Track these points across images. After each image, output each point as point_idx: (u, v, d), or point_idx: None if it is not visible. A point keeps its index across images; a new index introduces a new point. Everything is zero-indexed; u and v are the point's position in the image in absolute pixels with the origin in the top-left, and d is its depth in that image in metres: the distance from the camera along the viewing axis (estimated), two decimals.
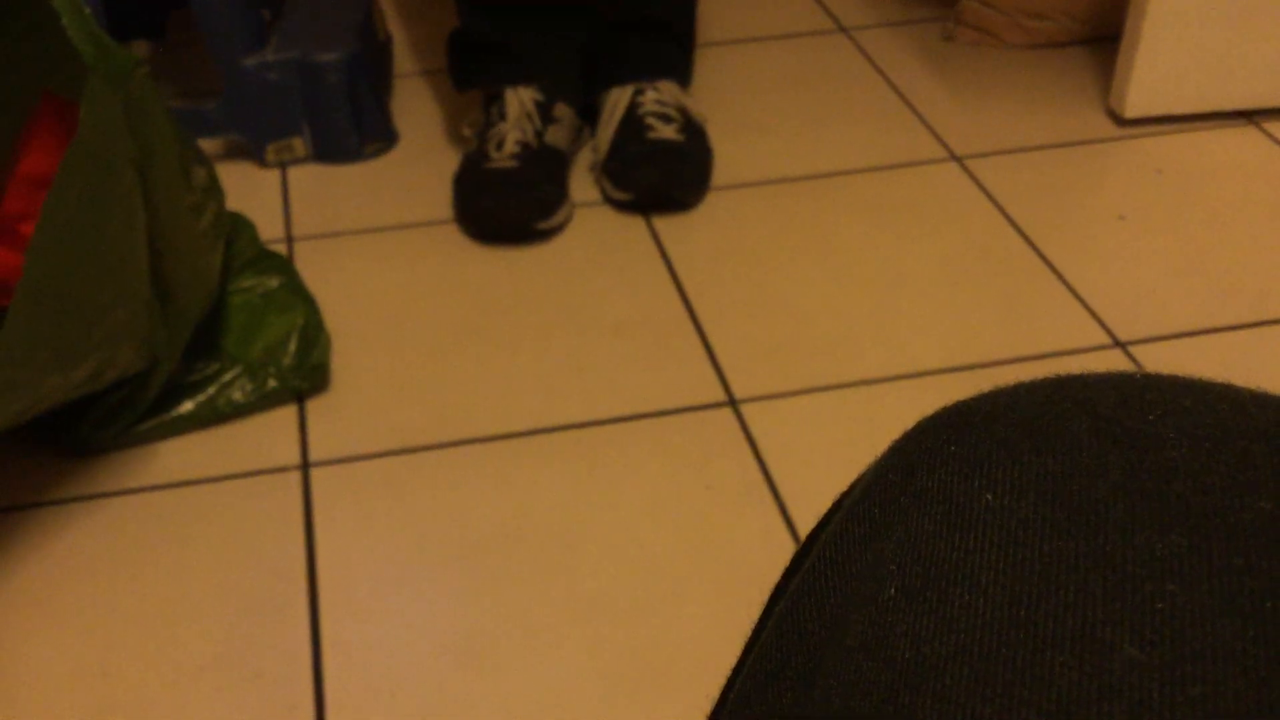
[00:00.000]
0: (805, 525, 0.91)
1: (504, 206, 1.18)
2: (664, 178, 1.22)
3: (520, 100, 1.25)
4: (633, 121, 1.25)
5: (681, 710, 0.78)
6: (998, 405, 0.27)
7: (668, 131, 1.24)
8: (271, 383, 1.01)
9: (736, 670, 0.30)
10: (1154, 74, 1.30)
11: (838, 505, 0.30)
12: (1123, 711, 0.21)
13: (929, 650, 0.23)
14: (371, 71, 1.34)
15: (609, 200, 1.25)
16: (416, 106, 1.42)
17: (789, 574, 0.30)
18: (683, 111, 1.27)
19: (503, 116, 1.25)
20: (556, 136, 1.25)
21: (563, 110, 1.26)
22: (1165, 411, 0.26)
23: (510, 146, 1.22)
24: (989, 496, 0.25)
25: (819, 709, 0.24)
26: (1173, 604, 0.22)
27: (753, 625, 0.31)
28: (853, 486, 0.30)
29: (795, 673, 0.26)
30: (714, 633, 0.83)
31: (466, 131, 1.31)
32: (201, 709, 0.79)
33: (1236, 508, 0.24)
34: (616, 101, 1.27)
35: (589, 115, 1.32)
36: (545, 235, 1.20)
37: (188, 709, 0.79)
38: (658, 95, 1.27)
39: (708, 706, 0.31)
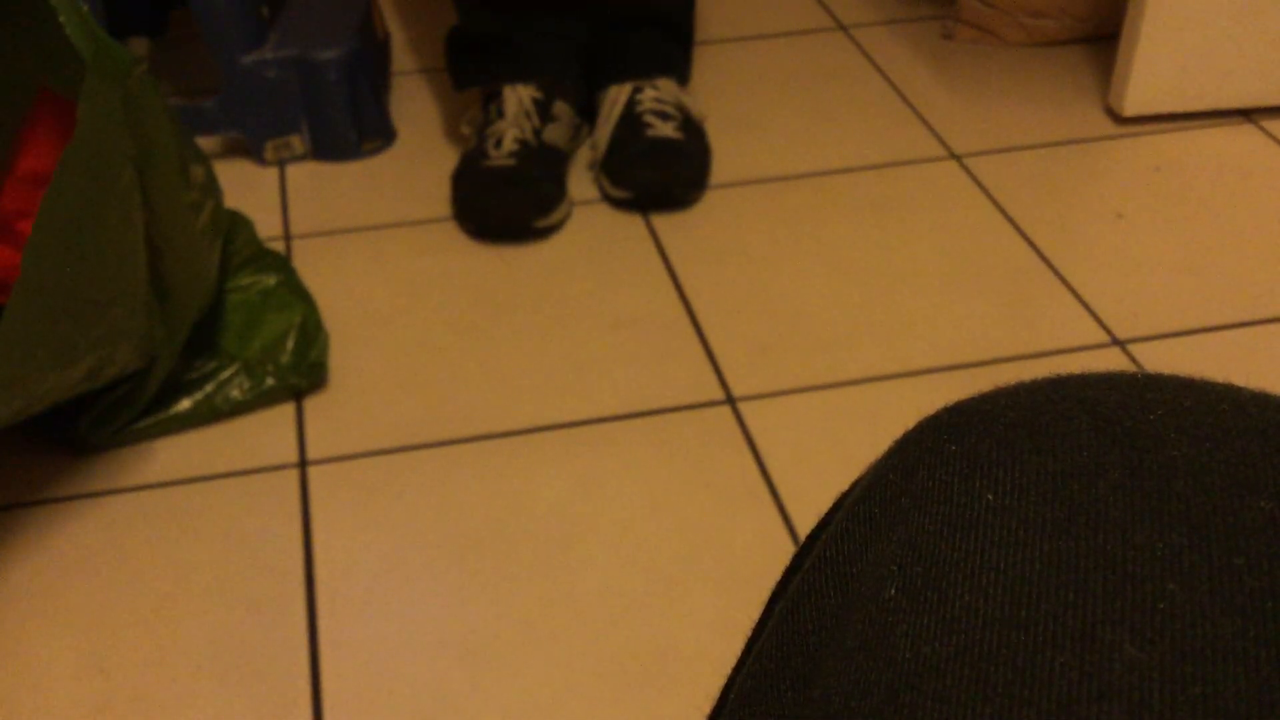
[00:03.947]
0: (803, 523, 0.91)
1: (502, 204, 1.18)
2: (662, 176, 1.22)
3: (519, 98, 1.25)
4: (631, 119, 1.25)
5: (680, 708, 0.78)
6: (998, 405, 0.27)
7: (666, 129, 1.24)
8: (269, 381, 1.01)
9: (737, 670, 0.30)
10: (1153, 72, 1.30)
11: (838, 505, 0.30)
12: (1123, 711, 0.21)
13: (929, 650, 0.23)
14: (370, 69, 1.34)
15: (607, 198, 1.25)
16: (415, 104, 1.42)
17: (789, 573, 0.30)
18: (681, 109, 1.27)
19: (501, 114, 1.25)
20: (555, 134, 1.25)
21: (561, 108, 1.26)
22: (1166, 411, 0.26)
23: (509, 144, 1.22)
24: (990, 496, 0.25)
25: (819, 709, 0.24)
26: (1173, 603, 0.22)
27: (752, 624, 0.31)
28: (853, 486, 0.30)
29: (795, 673, 0.26)
30: (712, 630, 0.83)
31: (465, 130, 1.31)
32: (199, 706, 0.79)
33: (1237, 507, 0.24)
34: (615, 99, 1.27)
35: (588, 113, 1.32)
36: (544, 233, 1.20)
37: (185, 706, 0.79)
38: (656, 93, 1.27)
39: (706, 705, 0.31)
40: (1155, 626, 0.22)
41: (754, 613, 0.31)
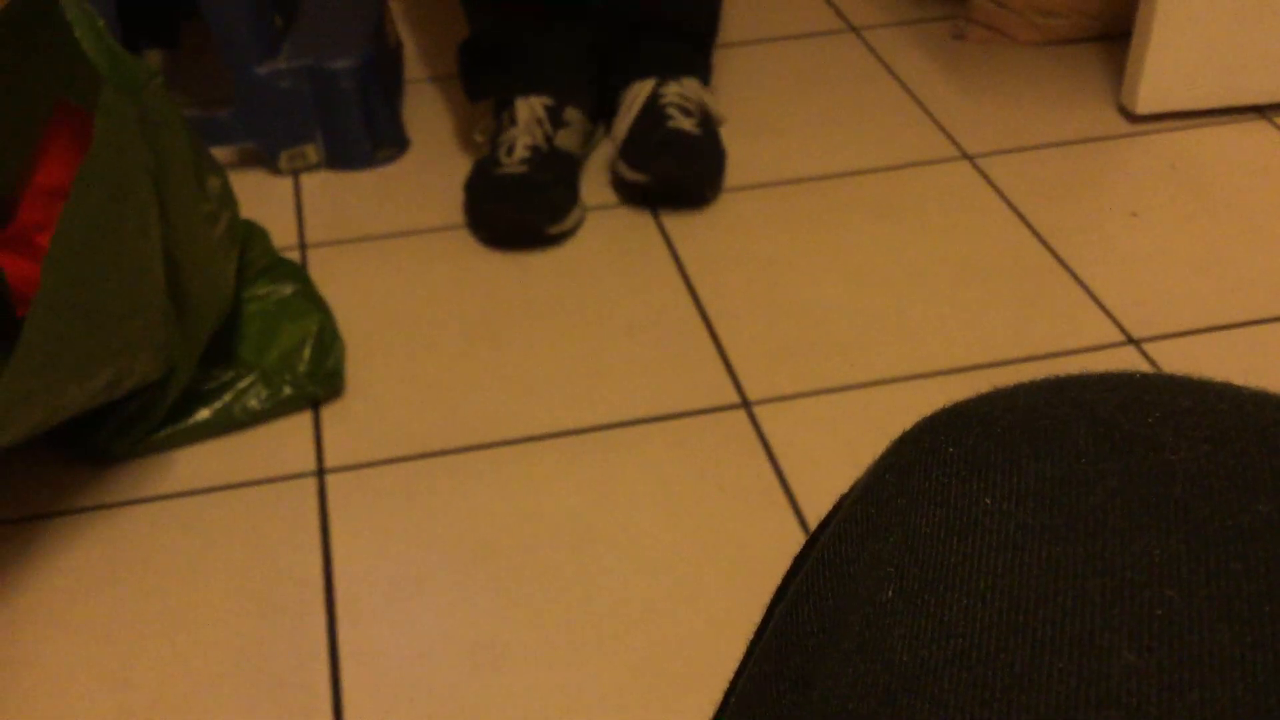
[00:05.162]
0: None
1: (515, 211, 1.18)
2: (680, 166, 1.22)
3: (531, 106, 1.25)
4: (654, 110, 1.26)
5: (698, 713, 0.78)
6: (996, 407, 0.27)
7: (686, 124, 1.24)
8: (287, 390, 1.01)
9: (738, 672, 0.30)
10: (1165, 70, 1.30)
11: (839, 505, 0.30)
12: (1120, 717, 0.21)
13: (926, 654, 0.23)
14: (383, 78, 1.35)
15: (623, 184, 1.25)
16: (427, 112, 1.42)
17: (791, 574, 0.30)
18: (702, 108, 1.28)
19: (513, 122, 1.25)
20: (567, 140, 1.26)
21: (573, 114, 1.27)
22: (1165, 413, 0.26)
23: (520, 151, 1.22)
24: (988, 500, 0.25)
25: (817, 711, 0.24)
26: (1171, 609, 0.22)
27: (756, 627, 0.31)
28: (853, 487, 0.30)
29: (794, 675, 0.26)
30: (728, 634, 0.83)
31: (479, 138, 1.31)
32: (221, 715, 0.80)
33: (1235, 510, 0.24)
34: (638, 93, 1.28)
35: (603, 115, 1.32)
36: (557, 239, 1.20)
37: (207, 715, 0.80)
38: (680, 89, 1.28)
39: None
40: (1153, 633, 0.22)
41: None
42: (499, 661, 0.82)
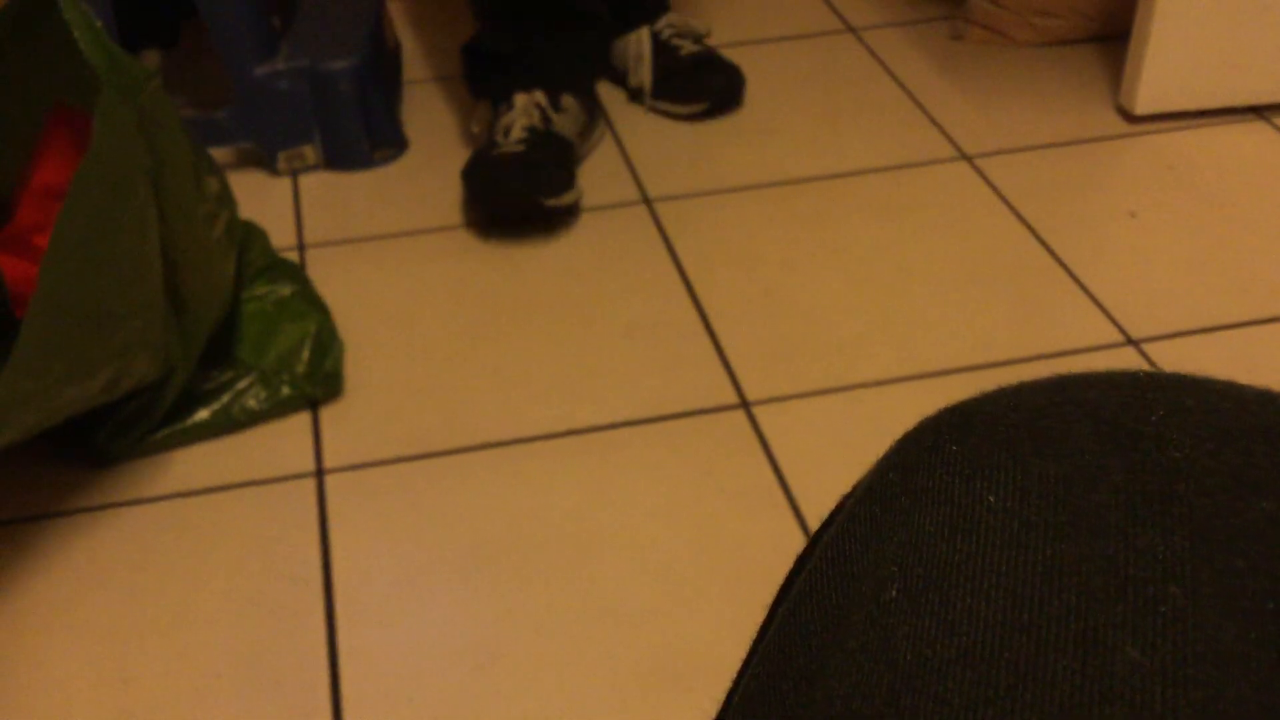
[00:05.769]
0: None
1: (512, 184, 1.19)
2: (729, 82, 1.37)
3: (530, 96, 1.27)
4: (664, 47, 1.37)
5: (697, 714, 0.78)
6: (1000, 406, 0.27)
7: (694, 47, 1.38)
8: (285, 390, 1.01)
9: (741, 672, 0.30)
10: (1164, 70, 1.30)
11: (841, 505, 0.30)
12: (1125, 715, 0.21)
13: (931, 652, 0.23)
14: (381, 79, 1.35)
15: (674, 118, 1.36)
16: (426, 113, 1.42)
17: (794, 574, 0.30)
18: (690, 30, 1.40)
19: (510, 109, 1.26)
20: (564, 125, 1.27)
21: (569, 101, 1.28)
22: (1168, 412, 0.26)
23: (518, 132, 1.23)
24: (991, 498, 0.25)
25: (821, 711, 0.24)
26: (1175, 606, 0.22)
27: (759, 627, 0.31)
28: (856, 486, 0.30)
29: (798, 674, 0.26)
30: (728, 635, 0.83)
31: (476, 129, 1.32)
32: (220, 715, 0.80)
33: (1239, 508, 0.24)
34: (639, 39, 1.38)
35: (602, 107, 1.37)
36: (554, 215, 1.20)
37: (206, 715, 0.80)
38: (667, 21, 1.40)
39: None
40: (1157, 630, 0.22)
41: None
42: (498, 661, 0.82)
